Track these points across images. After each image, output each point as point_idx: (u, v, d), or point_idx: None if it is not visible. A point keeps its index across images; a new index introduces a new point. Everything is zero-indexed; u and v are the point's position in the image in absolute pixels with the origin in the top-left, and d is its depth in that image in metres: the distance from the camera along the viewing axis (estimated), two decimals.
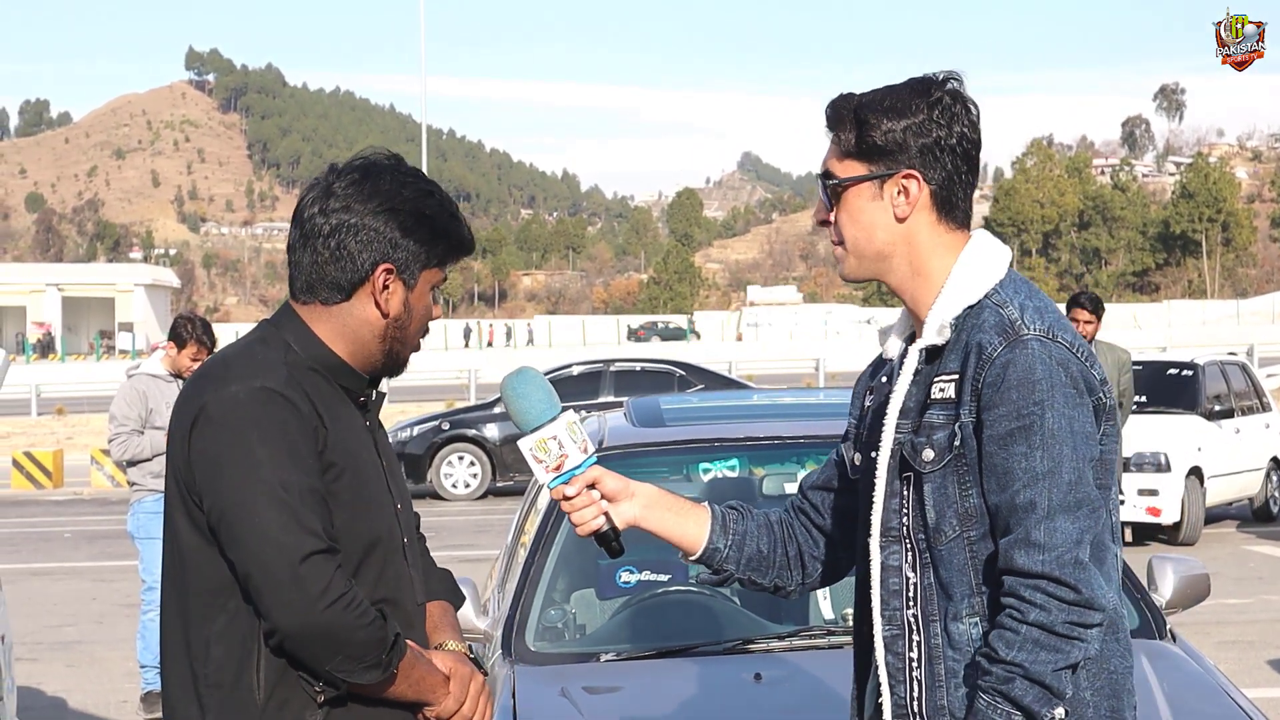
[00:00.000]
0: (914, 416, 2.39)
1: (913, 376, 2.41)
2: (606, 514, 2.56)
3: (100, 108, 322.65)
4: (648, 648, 4.17)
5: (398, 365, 2.65)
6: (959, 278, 2.41)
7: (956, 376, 2.35)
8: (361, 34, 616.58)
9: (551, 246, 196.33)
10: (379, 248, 2.57)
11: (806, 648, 4.12)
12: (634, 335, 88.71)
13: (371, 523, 2.56)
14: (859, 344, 57.61)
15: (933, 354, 2.41)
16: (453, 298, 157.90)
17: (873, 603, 2.43)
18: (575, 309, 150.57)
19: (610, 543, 2.57)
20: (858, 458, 2.56)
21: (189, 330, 8.09)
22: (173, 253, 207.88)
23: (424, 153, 50.83)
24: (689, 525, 2.63)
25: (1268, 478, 15.32)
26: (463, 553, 12.88)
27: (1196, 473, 13.70)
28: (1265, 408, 15.60)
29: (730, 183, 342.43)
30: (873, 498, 2.43)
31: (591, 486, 2.55)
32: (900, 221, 2.42)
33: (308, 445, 2.46)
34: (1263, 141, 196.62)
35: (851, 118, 2.43)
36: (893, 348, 2.52)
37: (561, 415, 2.53)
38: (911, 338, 2.48)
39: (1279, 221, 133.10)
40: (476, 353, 64.31)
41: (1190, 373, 14.69)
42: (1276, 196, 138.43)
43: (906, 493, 2.39)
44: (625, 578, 4.50)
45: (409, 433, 18.83)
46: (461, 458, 18.75)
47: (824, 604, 4.50)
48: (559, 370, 19.24)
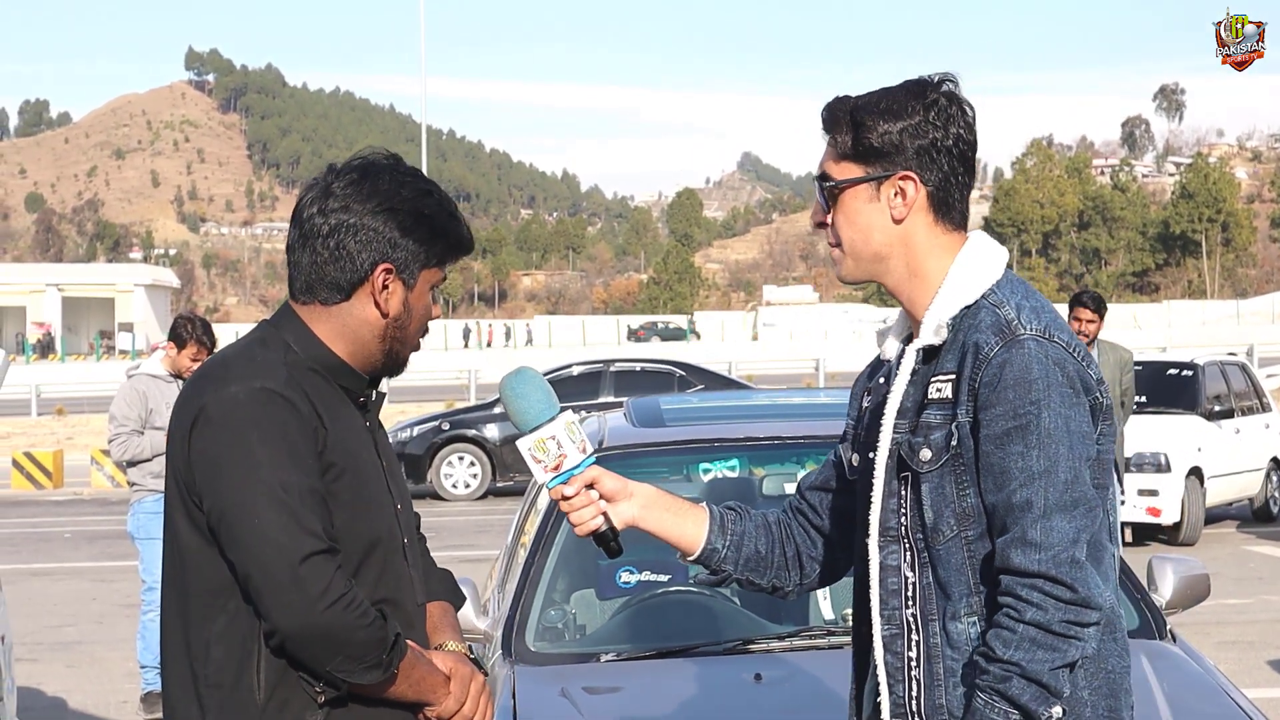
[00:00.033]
0: (911, 416, 2.39)
1: (910, 377, 2.42)
2: (605, 514, 2.57)
3: (100, 108, 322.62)
4: (648, 648, 4.17)
5: (398, 365, 2.65)
6: (956, 278, 2.41)
7: (953, 376, 2.35)
8: (361, 34, 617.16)
9: (551, 247, 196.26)
10: (378, 247, 2.57)
11: (806, 648, 4.12)
12: (634, 335, 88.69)
13: (371, 523, 2.56)
14: (858, 344, 57.56)
15: (930, 354, 2.41)
16: (453, 298, 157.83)
17: (871, 602, 2.43)
18: (575, 309, 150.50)
19: (609, 543, 2.57)
20: (855, 458, 2.57)
21: (189, 330, 8.09)
22: (173, 253, 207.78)
23: (424, 153, 50.81)
24: (687, 525, 2.64)
25: (1268, 478, 15.32)
26: (463, 553, 12.88)
27: (1196, 473, 13.70)
28: (1265, 408, 15.60)
29: (730, 183, 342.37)
30: (871, 498, 2.43)
31: (590, 486, 2.55)
32: (897, 223, 2.43)
33: (308, 446, 2.46)
34: (1263, 141, 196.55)
35: (848, 120, 2.44)
36: (890, 349, 2.53)
37: (560, 415, 2.53)
38: (909, 339, 2.49)
39: (1279, 221, 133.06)
40: (476, 353, 64.30)
41: (1190, 373, 14.69)
42: (1276, 196, 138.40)
43: (904, 493, 2.39)
44: (625, 578, 4.50)
45: (409, 433, 18.83)
46: (461, 458, 18.75)
47: (824, 604, 4.50)
48: (559, 370, 19.24)
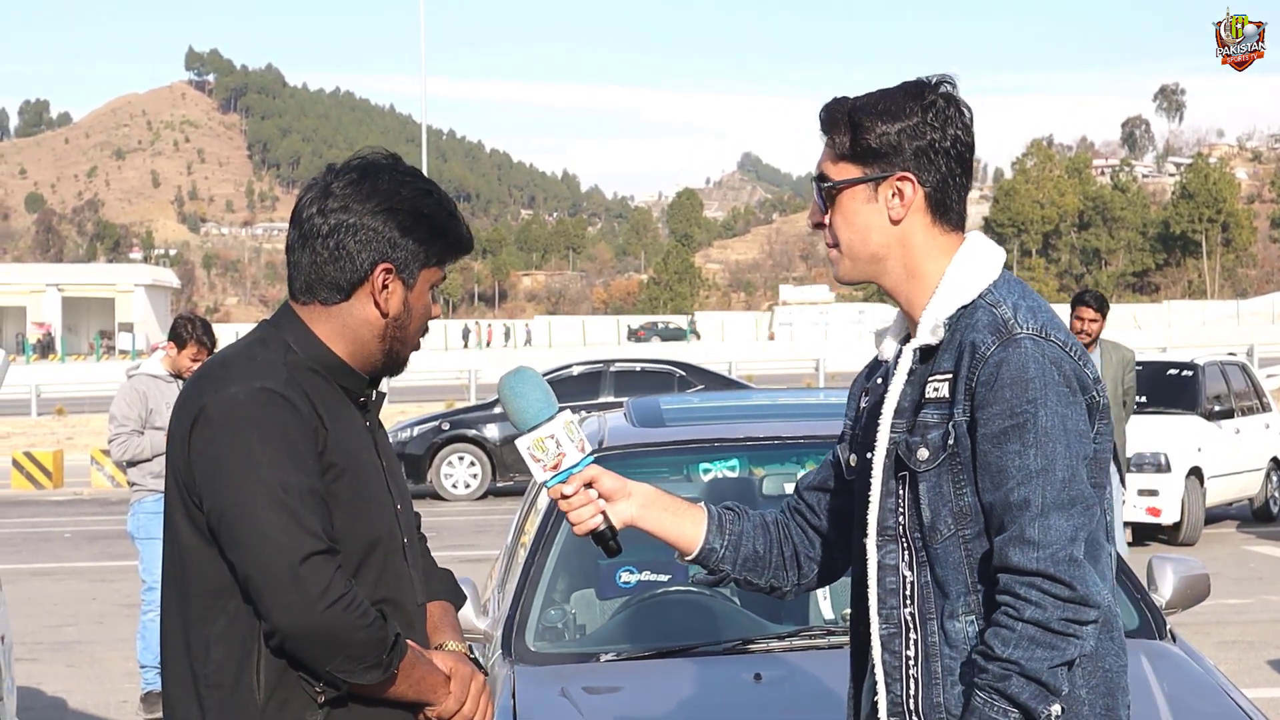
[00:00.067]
0: (909, 416, 2.40)
1: (907, 376, 2.42)
2: (604, 513, 2.57)
3: (100, 108, 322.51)
4: (647, 648, 4.17)
5: (398, 365, 2.65)
6: (953, 278, 2.42)
7: (950, 375, 2.36)
8: (361, 34, 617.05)
9: (551, 247, 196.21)
10: (378, 247, 2.57)
11: (806, 648, 4.11)
12: (634, 335, 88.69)
13: (371, 523, 2.56)
14: (859, 344, 57.55)
15: (927, 354, 2.42)
16: (453, 298, 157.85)
17: (869, 601, 2.43)
18: (575, 309, 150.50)
19: (607, 542, 2.58)
20: (853, 459, 2.57)
21: (189, 330, 8.09)
22: (173, 253, 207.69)
23: (424, 153, 50.82)
24: (685, 525, 2.64)
25: (1268, 478, 15.32)
26: (463, 553, 12.88)
27: (1196, 473, 13.70)
28: (1265, 408, 15.60)
29: (730, 183, 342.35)
30: (868, 497, 2.43)
31: (589, 485, 2.56)
32: (895, 224, 2.43)
33: (308, 446, 2.46)
34: (1263, 142, 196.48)
35: (846, 121, 2.44)
36: (888, 349, 2.53)
37: (559, 414, 2.53)
38: (906, 339, 2.49)
39: (1279, 222, 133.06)
40: (476, 353, 64.29)
41: (1190, 373, 14.69)
42: (1276, 197, 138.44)
43: (902, 492, 2.40)
44: (625, 578, 4.50)
45: (409, 433, 18.82)
46: (461, 458, 18.75)
47: (824, 604, 4.50)
48: (559, 370, 19.24)
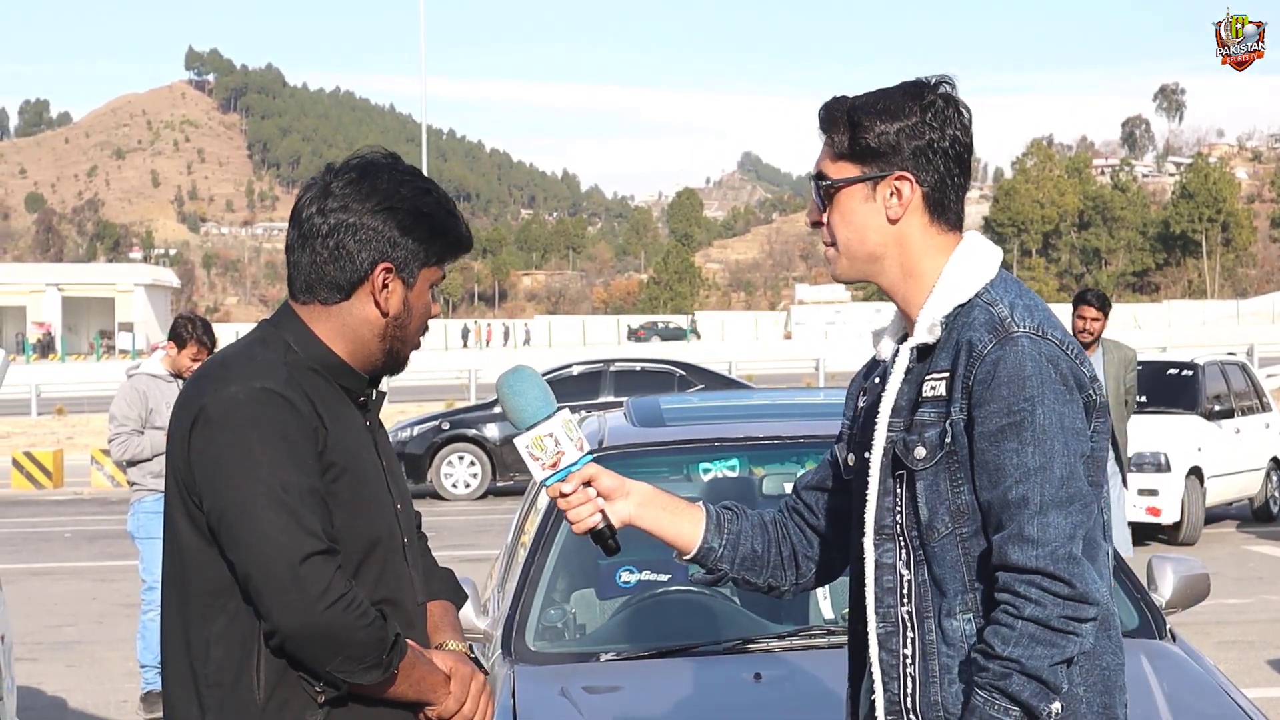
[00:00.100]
0: (906, 414, 2.40)
1: (904, 375, 2.43)
2: (603, 512, 2.57)
3: (100, 108, 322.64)
4: (647, 648, 4.17)
5: (398, 364, 2.65)
6: (950, 277, 2.42)
7: (947, 374, 2.36)
8: (361, 34, 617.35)
9: (551, 246, 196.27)
10: (378, 246, 2.57)
11: (806, 647, 4.11)
12: (634, 335, 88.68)
13: (371, 523, 2.56)
14: (859, 344, 57.54)
15: (924, 352, 2.42)
16: (453, 298, 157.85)
17: (867, 600, 2.44)
18: (575, 309, 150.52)
19: (606, 540, 2.58)
20: (851, 458, 2.57)
21: (189, 330, 8.09)
22: (173, 253, 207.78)
23: (424, 153, 50.77)
24: (684, 524, 2.64)
25: (1268, 478, 15.31)
26: (463, 553, 12.87)
27: (1196, 473, 13.70)
28: (1265, 408, 15.60)
29: (730, 183, 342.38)
30: (866, 496, 2.44)
31: (588, 484, 2.56)
32: (892, 223, 2.44)
33: (307, 446, 2.46)
34: (1263, 142, 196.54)
35: (845, 120, 2.45)
36: (885, 349, 2.53)
37: (557, 413, 2.54)
38: (904, 338, 2.50)
39: (1279, 221, 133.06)
40: (476, 353, 64.29)
41: (1190, 373, 14.68)
42: (1276, 196, 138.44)
43: (899, 490, 2.40)
44: (625, 578, 4.50)
45: (409, 433, 18.82)
46: (461, 458, 18.75)
47: (824, 604, 4.49)
48: (559, 370, 19.22)
